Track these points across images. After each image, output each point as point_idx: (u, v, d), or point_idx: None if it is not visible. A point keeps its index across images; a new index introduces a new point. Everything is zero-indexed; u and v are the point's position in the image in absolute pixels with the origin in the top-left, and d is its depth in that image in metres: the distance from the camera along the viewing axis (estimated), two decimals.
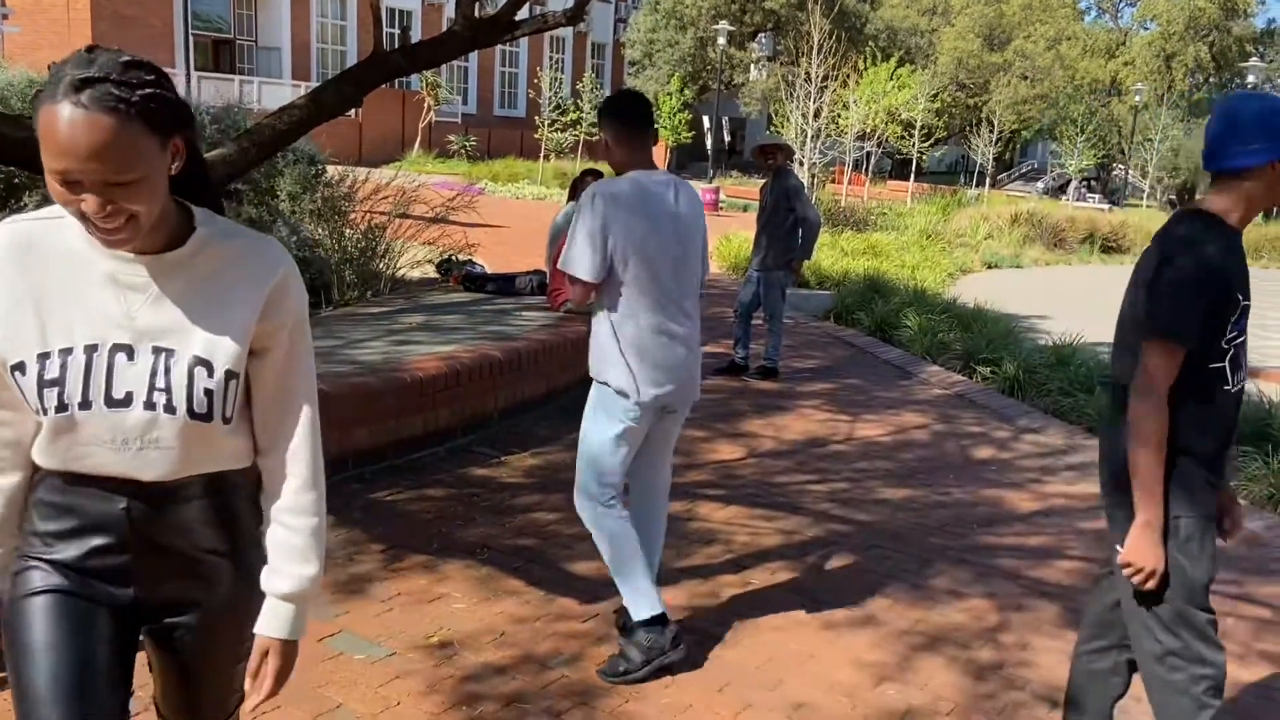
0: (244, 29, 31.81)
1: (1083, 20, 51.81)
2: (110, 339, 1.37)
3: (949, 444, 5.91)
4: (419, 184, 8.50)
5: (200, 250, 1.42)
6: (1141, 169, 39.90)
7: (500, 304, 6.91)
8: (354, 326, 5.82)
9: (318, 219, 7.06)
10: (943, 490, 5.05)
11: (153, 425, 1.39)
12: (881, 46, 36.13)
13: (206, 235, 1.42)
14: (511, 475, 4.76)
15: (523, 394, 5.52)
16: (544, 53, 40.71)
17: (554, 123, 28.39)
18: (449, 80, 34.59)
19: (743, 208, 25.16)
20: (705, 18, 38.34)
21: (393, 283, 7.42)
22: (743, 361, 7.26)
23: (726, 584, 3.75)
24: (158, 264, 1.39)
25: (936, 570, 4.02)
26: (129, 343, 1.38)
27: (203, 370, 1.40)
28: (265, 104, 24.60)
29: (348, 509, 4.17)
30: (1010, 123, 41.71)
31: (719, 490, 4.78)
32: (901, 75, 27.72)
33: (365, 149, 29.34)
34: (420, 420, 4.83)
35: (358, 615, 3.28)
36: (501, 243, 13.05)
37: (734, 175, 37.32)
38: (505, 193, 23.42)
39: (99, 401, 1.36)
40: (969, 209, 25.34)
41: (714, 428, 5.84)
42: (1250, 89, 31.88)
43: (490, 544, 3.93)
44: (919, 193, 32.02)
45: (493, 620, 3.32)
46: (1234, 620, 3.78)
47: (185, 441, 1.42)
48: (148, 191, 1.29)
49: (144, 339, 1.38)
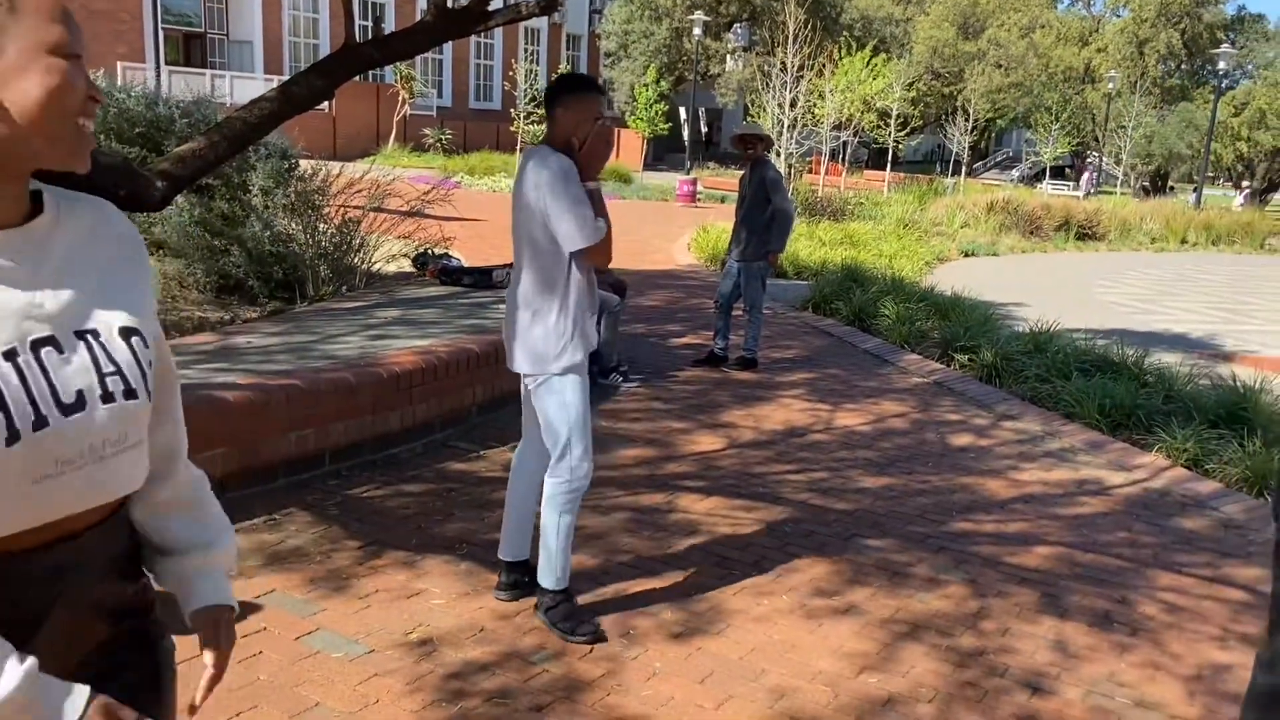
0: (215, 22, 31.48)
1: (1056, 8, 52.07)
2: (28, 335, 1.09)
3: (928, 432, 5.93)
4: (394, 178, 8.43)
5: (59, 215, 1.17)
6: (1115, 156, 40.18)
7: (477, 297, 6.86)
8: (329, 321, 5.76)
9: (291, 213, 6.99)
10: (922, 478, 5.06)
11: (122, 419, 1.15)
12: (857, 36, 36.24)
13: (53, 199, 1.17)
14: (490, 469, 4.73)
15: (501, 388, 5.49)
16: (519, 44, 40.52)
17: (530, 115, 28.26)
18: (423, 73, 34.39)
19: (720, 199, 25.14)
20: (680, 8, 38.25)
21: (368, 277, 7.36)
22: (722, 352, 7.25)
23: (708, 575, 3.74)
24: (25, 238, 1.12)
25: (916, 558, 4.03)
26: (51, 334, 1.10)
27: (139, 341, 1.19)
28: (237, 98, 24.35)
29: (324, 506, 4.13)
30: (985, 111, 41.86)
31: (699, 481, 4.77)
32: (877, 64, 27.78)
33: (339, 143, 29.11)
34: (397, 415, 4.79)
35: (335, 613, 3.24)
36: (478, 236, 12.98)
37: (711, 166, 37.28)
38: (482, 186, 23.29)
39: (54, 414, 1.08)
40: (945, 198, 25.44)
41: (694, 419, 5.83)
42: (1221, 75, 32.15)
43: (469, 539, 3.90)
44: (895, 182, 32.11)
45: (473, 616, 3.30)
46: (1212, 603, 3.81)
47: (145, 434, 1.22)
48: None
49: (62, 326, 1.12)
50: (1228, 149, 41.03)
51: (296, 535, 3.83)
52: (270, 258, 6.66)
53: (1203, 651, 3.41)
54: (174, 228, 6.63)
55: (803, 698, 2.95)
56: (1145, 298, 14.16)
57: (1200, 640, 3.49)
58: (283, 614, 3.20)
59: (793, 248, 12.56)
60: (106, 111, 6.89)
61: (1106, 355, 7.41)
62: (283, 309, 6.41)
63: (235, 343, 5.07)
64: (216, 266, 6.63)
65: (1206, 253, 23.67)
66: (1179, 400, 6.29)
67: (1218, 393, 6.40)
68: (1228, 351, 9.85)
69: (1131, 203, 28.49)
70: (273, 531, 3.85)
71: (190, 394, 3.98)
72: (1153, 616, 3.65)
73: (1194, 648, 3.43)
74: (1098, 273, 16.91)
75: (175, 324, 5.85)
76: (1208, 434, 5.63)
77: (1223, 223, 25.15)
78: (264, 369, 4.53)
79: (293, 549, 3.70)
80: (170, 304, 6.36)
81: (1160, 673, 3.25)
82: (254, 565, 3.54)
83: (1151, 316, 12.20)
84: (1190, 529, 4.58)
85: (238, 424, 4.04)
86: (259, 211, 6.74)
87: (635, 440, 5.34)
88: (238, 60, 31.48)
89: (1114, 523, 4.60)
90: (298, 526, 3.91)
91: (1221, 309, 13.67)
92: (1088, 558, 4.15)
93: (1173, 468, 5.40)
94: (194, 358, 4.67)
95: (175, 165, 4.30)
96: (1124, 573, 4.03)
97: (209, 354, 4.78)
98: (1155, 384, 6.74)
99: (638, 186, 26.19)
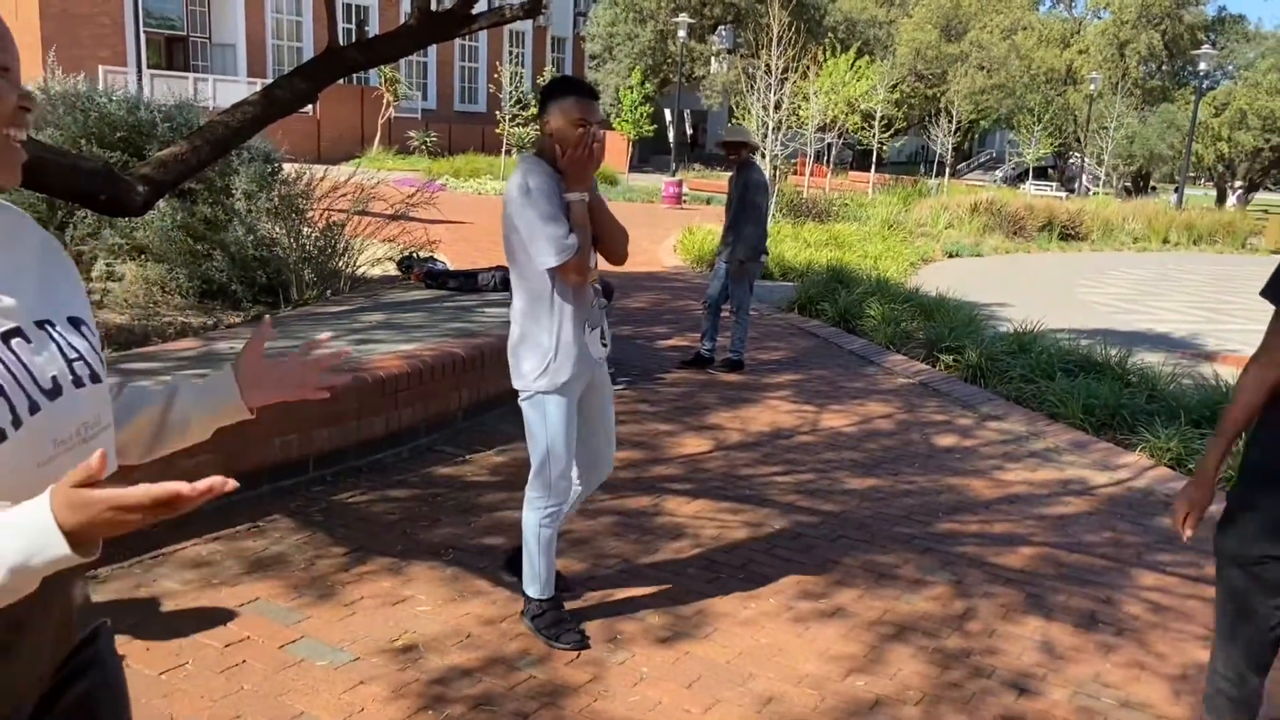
0: (197, 25, 31.31)
1: (1038, 10, 52.37)
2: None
3: (913, 432, 5.94)
4: (378, 181, 8.40)
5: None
6: (1097, 157, 40.43)
7: (462, 301, 6.84)
8: (314, 326, 5.73)
9: (275, 217, 6.95)
10: (908, 479, 5.07)
11: (94, 402, 1.19)
12: (840, 38, 36.36)
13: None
14: (476, 474, 4.71)
15: (486, 392, 5.47)
16: (504, 47, 40.47)
17: (515, 117, 28.21)
18: (408, 76, 34.30)
19: (706, 200, 25.18)
20: (665, 10, 38.28)
21: (353, 281, 7.33)
22: (709, 354, 7.25)
23: (694, 578, 3.73)
24: None
25: (903, 559, 4.03)
26: (16, 325, 1.13)
27: (87, 330, 1.22)
28: (220, 101, 24.26)
29: (309, 512, 4.11)
30: (968, 113, 42.06)
31: (686, 484, 4.77)
32: (861, 66, 27.87)
33: (324, 146, 29.00)
34: (383, 420, 4.77)
35: (319, 620, 3.22)
36: (464, 239, 12.95)
37: (696, 168, 37.33)
38: (467, 188, 23.25)
39: (41, 399, 1.11)
40: (929, 199, 25.56)
41: (681, 421, 5.83)
42: (1202, 75, 32.38)
43: (456, 544, 3.89)
44: (880, 183, 32.22)
45: (459, 622, 3.28)
46: (1196, 602, 3.82)
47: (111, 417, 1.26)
48: None
49: (23, 318, 1.14)
50: (1209, 149, 41.33)
51: (280, 542, 3.80)
52: (254, 262, 6.63)
53: (1188, 651, 3.43)
54: (156, 232, 6.59)
55: (790, 702, 2.94)
56: (1128, 297, 14.25)
57: (1185, 640, 3.51)
58: (266, 622, 3.18)
59: (778, 249, 12.58)
60: (87, 116, 6.83)
61: (1090, 355, 7.45)
62: (266, 313, 6.37)
63: (218, 348, 5.04)
64: (199, 271, 6.59)
65: (1188, 252, 23.86)
66: (1162, 400, 6.32)
67: (1200, 392, 6.43)
68: (1210, 351, 9.92)
69: (1114, 203, 28.67)
70: (256, 539, 3.82)
71: None
72: (1137, 616, 3.67)
73: (1179, 647, 3.45)
74: (1081, 273, 17.01)
75: (157, 329, 5.81)
76: (1191, 433, 5.66)
77: (1204, 222, 25.35)
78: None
79: (276, 556, 3.68)
80: (152, 309, 6.31)
81: (1145, 673, 3.26)
82: (237, 573, 3.51)
83: (1134, 316, 12.27)
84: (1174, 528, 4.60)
85: (221, 430, 4.00)
86: (242, 215, 6.70)
87: (621, 443, 5.33)
88: (220, 63, 31.32)
89: (1098, 523, 4.62)
90: (281, 533, 3.89)
91: (1203, 308, 13.77)
92: (1072, 558, 4.17)
93: (1156, 467, 5.43)
94: (176, 364, 4.63)
95: (157, 170, 4.27)
96: (1108, 573, 4.04)
97: (191, 359, 4.74)
98: (1138, 384, 6.78)
99: (623, 188, 26.19)
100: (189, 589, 3.37)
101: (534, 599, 3.21)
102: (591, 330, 3.07)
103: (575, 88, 2.98)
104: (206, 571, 3.51)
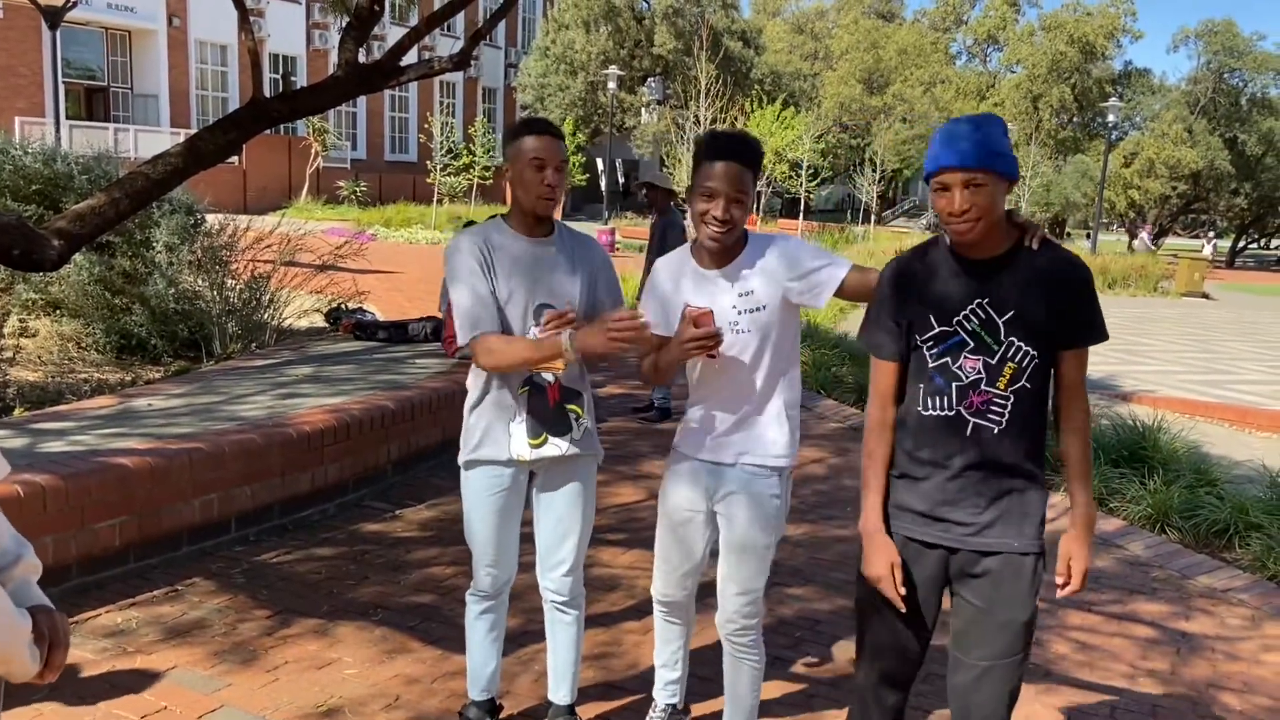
0: (118, 76, 30.78)
1: (955, 64, 54.25)
2: None
3: (845, 477, 5.99)
4: (305, 231, 8.30)
5: None
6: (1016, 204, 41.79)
7: (393, 352, 6.76)
8: (237, 380, 5.60)
9: (197, 270, 6.81)
10: (841, 523, 5.10)
11: None
12: (767, 90, 37.19)
13: None
14: (406, 529, 4.62)
15: (417, 444, 5.38)
16: (434, 97, 40.53)
17: (446, 167, 28.20)
18: (337, 125, 34.09)
19: (639, 248, 25.35)
20: (595, 63, 38.79)
21: (279, 334, 7.20)
22: (663, 402, 7.23)
23: (629, 631, 3.69)
24: None
25: (837, 605, 4.04)
26: None
27: None
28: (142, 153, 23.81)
29: (230, 574, 3.98)
30: (892, 162, 43.27)
31: (620, 534, 4.73)
32: (787, 117, 28.53)
33: (250, 196, 28.59)
34: (308, 476, 4.66)
35: (240, 688, 3.10)
36: (396, 289, 12.83)
37: (629, 216, 37.63)
38: (399, 238, 23.08)
39: None
40: (856, 245, 26.11)
41: (615, 470, 5.80)
42: (1111, 126, 33.78)
43: (384, 603, 3.79)
44: (808, 230, 32.84)
45: (386, 684, 3.19)
46: (1121, 640, 3.89)
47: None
48: None
49: None
50: (1120, 196, 42.96)
51: (199, 606, 3.67)
52: (175, 315, 6.48)
53: (1115, 689, 3.48)
54: (72, 286, 6.41)
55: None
56: None
57: (1112, 677, 3.56)
58: (184, 692, 3.05)
59: None
60: (1, 169, 6.65)
61: None
62: (188, 368, 6.21)
63: (136, 405, 4.89)
64: (117, 326, 6.42)
65: (1103, 296, 24.64)
66: None
67: (1118, 433, 6.61)
68: (1126, 392, 10.23)
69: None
70: (174, 603, 3.68)
71: (87, 462, 3.82)
72: (1065, 655, 3.72)
73: (1107, 685, 3.50)
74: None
75: (72, 387, 5.63)
76: (1110, 473, 5.80)
77: (1117, 267, 26.28)
78: (166, 432, 4.37)
79: (195, 621, 3.54)
80: (67, 365, 6.12)
81: (1076, 712, 3.30)
82: (153, 639, 3.37)
83: None
84: (1098, 567, 4.69)
85: (137, 491, 3.88)
86: (163, 268, 6.56)
87: None
88: (142, 114, 30.78)
89: None
90: (201, 597, 3.75)
91: (1118, 350, 14.23)
92: None
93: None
94: (91, 423, 4.48)
95: (73, 223, 4.16)
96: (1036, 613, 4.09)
97: (107, 418, 4.59)
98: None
99: None
100: (103, 657, 3.22)
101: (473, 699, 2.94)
102: (517, 424, 2.65)
103: (534, 126, 2.60)
104: (121, 639, 3.37)
